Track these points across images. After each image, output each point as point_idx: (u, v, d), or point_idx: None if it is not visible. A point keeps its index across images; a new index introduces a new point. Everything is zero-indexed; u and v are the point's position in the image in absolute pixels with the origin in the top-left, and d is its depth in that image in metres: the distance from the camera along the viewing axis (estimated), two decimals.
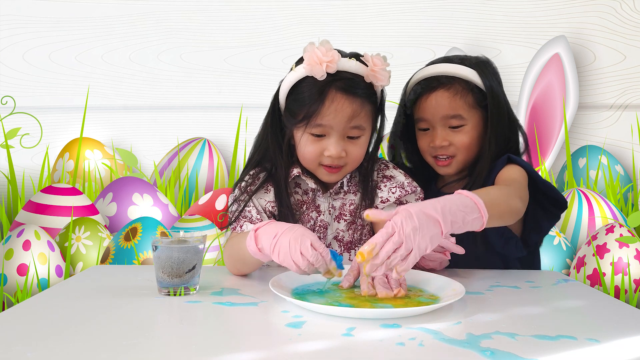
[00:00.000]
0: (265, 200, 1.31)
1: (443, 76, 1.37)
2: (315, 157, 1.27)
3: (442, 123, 1.37)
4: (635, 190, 3.02)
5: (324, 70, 1.21)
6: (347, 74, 1.23)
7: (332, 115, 1.22)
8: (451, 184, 1.43)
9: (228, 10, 3.26)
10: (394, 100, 1.44)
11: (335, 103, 1.22)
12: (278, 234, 1.06)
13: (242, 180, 1.33)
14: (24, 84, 3.27)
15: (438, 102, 1.36)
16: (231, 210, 1.31)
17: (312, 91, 1.23)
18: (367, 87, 1.25)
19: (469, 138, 1.37)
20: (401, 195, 1.32)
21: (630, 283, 2.20)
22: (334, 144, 1.24)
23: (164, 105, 3.28)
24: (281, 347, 0.82)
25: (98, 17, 3.27)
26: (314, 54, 1.21)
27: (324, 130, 1.24)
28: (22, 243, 2.17)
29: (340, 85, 1.22)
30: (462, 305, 1.02)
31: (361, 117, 1.25)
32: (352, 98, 1.23)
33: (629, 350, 0.83)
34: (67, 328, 0.90)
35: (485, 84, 1.36)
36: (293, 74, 1.27)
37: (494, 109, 1.36)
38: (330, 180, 1.30)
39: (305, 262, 1.03)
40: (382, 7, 3.22)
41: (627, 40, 3.16)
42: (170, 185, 2.95)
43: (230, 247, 1.24)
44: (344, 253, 1.33)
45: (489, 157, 1.36)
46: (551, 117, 3.07)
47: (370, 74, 1.25)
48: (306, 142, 1.26)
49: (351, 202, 1.34)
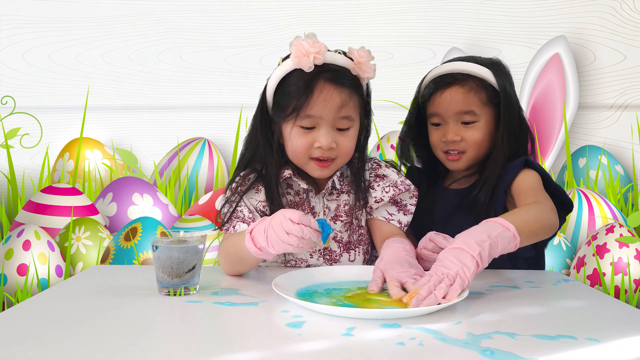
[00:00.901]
0: (256, 200, 1.31)
1: (458, 73, 1.41)
2: (305, 150, 1.27)
3: (455, 118, 1.40)
4: (635, 190, 3.02)
5: (311, 62, 1.22)
6: (334, 66, 1.25)
7: (322, 105, 1.23)
8: (459, 181, 1.45)
9: (228, 10, 3.26)
10: (394, 100, 1.44)
11: (324, 93, 1.23)
12: (265, 228, 1.07)
13: (233, 181, 1.33)
14: (24, 84, 3.27)
15: (452, 97, 1.39)
16: (223, 212, 1.31)
17: (300, 83, 1.24)
18: (353, 79, 1.27)
19: (481, 134, 1.39)
20: (395, 194, 1.33)
21: (630, 283, 2.20)
22: (324, 135, 1.24)
23: (164, 105, 3.28)
24: (281, 347, 0.82)
25: (98, 17, 3.27)
26: (301, 46, 1.23)
27: (314, 122, 1.25)
28: (22, 243, 2.17)
29: (328, 76, 1.23)
30: (462, 305, 1.02)
31: (350, 107, 1.25)
32: (340, 88, 1.24)
33: (629, 350, 0.83)
34: (67, 328, 0.90)
35: (498, 82, 1.39)
36: (280, 68, 1.28)
37: (506, 107, 1.39)
38: (322, 175, 1.30)
39: (294, 239, 1.04)
40: (382, 7, 3.22)
41: (627, 40, 3.16)
42: (170, 185, 2.95)
43: (226, 248, 1.24)
44: (343, 254, 1.33)
45: (501, 155, 1.38)
46: (551, 117, 3.07)
47: (356, 67, 1.26)
48: (296, 135, 1.26)
49: (345, 203, 1.34)
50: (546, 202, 1.25)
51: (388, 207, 1.34)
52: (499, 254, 1.07)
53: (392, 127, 2.93)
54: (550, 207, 1.24)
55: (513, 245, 1.08)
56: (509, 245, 1.08)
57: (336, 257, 1.32)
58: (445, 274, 1.00)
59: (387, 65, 3.17)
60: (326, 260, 1.32)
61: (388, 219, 1.33)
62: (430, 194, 1.47)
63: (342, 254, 1.33)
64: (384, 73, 3.22)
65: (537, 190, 1.30)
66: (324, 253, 1.32)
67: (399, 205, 1.34)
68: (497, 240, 1.05)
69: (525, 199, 1.29)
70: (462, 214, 1.39)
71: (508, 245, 1.07)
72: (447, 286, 0.98)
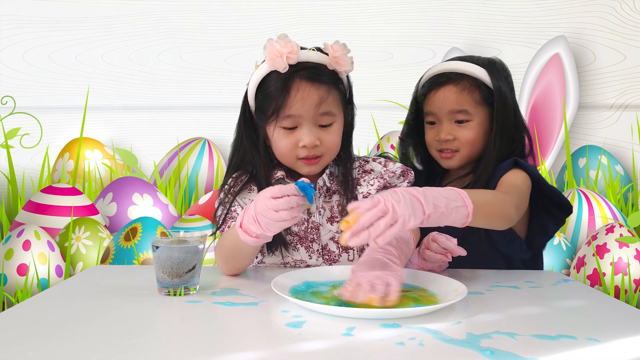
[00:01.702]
0: (249, 200, 1.32)
1: (452, 72, 1.41)
2: (290, 151, 1.27)
3: (448, 117, 1.40)
4: (635, 190, 3.02)
5: (285, 62, 1.23)
6: (309, 64, 1.25)
7: (300, 104, 1.23)
8: (456, 181, 1.45)
9: (228, 10, 3.26)
10: (394, 100, 1.45)
11: (301, 91, 1.23)
12: (254, 216, 1.08)
13: (225, 184, 1.34)
14: (24, 84, 3.27)
15: (446, 96, 1.40)
16: (218, 215, 1.32)
17: (277, 85, 1.24)
18: (331, 74, 1.27)
19: (474, 134, 1.40)
20: (380, 185, 1.32)
21: (630, 283, 2.20)
22: (307, 133, 1.25)
23: (164, 105, 3.28)
24: (281, 347, 0.82)
25: (98, 17, 3.27)
26: (273, 48, 1.23)
27: (295, 121, 1.25)
28: (22, 243, 2.17)
29: (304, 74, 1.24)
30: (462, 305, 1.02)
31: (329, 103, 1.25)
32: (317, 85, 1.24)
33: (629, 350, 0.83)
34: (67, 328, 0.90)
35: (493, 82, 1.39)
36: (257, 72, 1.29)
37: (499, 107, 1.39)
38: (311, 171, 1.30)
39: (285, 212, 1.04)
40: (382, 7, 3.22)
41: (627, 40, 3.17)
42: (170, 185, 2.95)
43: (221, 246, 1.24)
44: (342, 254, 1.33)
45: (494, 155, 1.38)
46: (551, 117, 3.07)
47: (333, 61, 1.26)
48: (279, 136, 1.27)
49: (338, 203, 1.34)
50: (512, 197, 1.22)
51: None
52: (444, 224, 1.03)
53: (392, 127, 2.94)
54: (514, 202, 1.20)
55: (461, 223, 1.04)
56: (459, 220, 1.03)
57: (335, 258, 1.32)
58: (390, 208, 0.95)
59: (387, 65, 3.18)
60: (325, 261, 1.32)
61: None
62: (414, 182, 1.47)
63: (340, 254, 1.33)
64: (384, 73, 3.23)
65: (513, 187, 1.28)
66: (322, 253, 1.32)
67: (390, 188, 1.33)
68: (451, 212, 1.01)
69: (499, 188, 1.29)
70: None
71: (458, 220, 1.03)
72: (386, 225, 0.94)
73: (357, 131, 1.39)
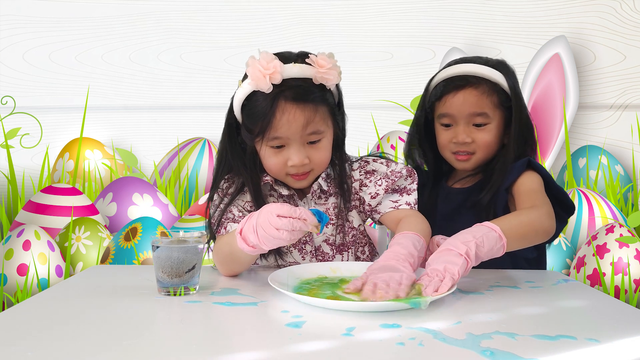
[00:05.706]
0: (243, 201, 1.31)
1: (471, 76, 1.41)
2: (280, 169, 1.26)
3: (466, 120, 1.40)
4: (635, 190, 3.02)
5: (268, 83, 1.20)
6: (294, 82, 1.22)
7: (286, 127, 1.21)
8: (463, 180, 1.45)
9: (228, 10, 3.26)
10: (393, 100, 1.44)
11: (287, 114, 1.21)
12: (254, 226, 1.07)
13: (218, 187, 1.32)
14: (24, 84, 3.27)
15: (466, 99, 1.40)
16: (214, 218, 1.30)
17: (262, 105, 1.21)
18: (318, 89, 1.24)
19: (491, 137, 1.40)
20: (388, 185, 1.32)
21: (630, 283, 2.20)
22: (295, 153, 1.23)
23: (164, 105, 3.28)
24: (281, 347, 0.82)
25: (98, 17, 3.27)
26: (256, 68, 1.20)
27: (282, 142, 1.23)
28: (22, 243, 2.17)
29: (289, 95, 1.20)
30: (462, 305, 1.02)
31: (316, 122, 1.23)
32: (302, 105, 1.21)
33: (629, 350, 0.83)
34: (67, 328, 0.90)
35: (509, 85, 1.40)
36: (241, 90, 1.26)
37: (517, 109, 1.40)
38: (301, 186, 1.30)
39: (285, 233, 1.03)
40: (382, 7, 3.22)
41: (627, 40, 3.16)
42: (170, 185, 2.95)
43: (219, 249, 1.23)
44: (336, 255, 1.33)
45: (510, 157, 1.39)
46: (551, 117, 3.07)
47: (318, 76, 1.23)
48: (268, 155, 1.26)
49: (334, 205, 1.33)
50: (542, 206, 1.25)
51: (390, 197, 1.32)
52: (487, 253, 1.09)
53: (392, 127, 2.93)
54: (545, 212, 1.23)
55: (500, 246, 1.10)
56: (496, 245, 1.09)
57: (329, 260, 1.32)
58: (435, 272, 1.03)
59: (387, 65, 3.17)
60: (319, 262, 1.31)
61: (395, 206, 1.31)
62: (434, 193, 1.47)
63: (334, 255, 1.32)
64: (384, 73, 3.23)
65: (536, 193, 1.30)
66: (316, 254, 1.32)
67: (399, 190, 1.33)
68: (482, 240, 1.07)
69: (522, 202, 1.29)
70: (465, 212, 1.40)
71: (495, 245, 1.09)
72: (439, 281, 1.01)
73: (357, 131, 1.39)
